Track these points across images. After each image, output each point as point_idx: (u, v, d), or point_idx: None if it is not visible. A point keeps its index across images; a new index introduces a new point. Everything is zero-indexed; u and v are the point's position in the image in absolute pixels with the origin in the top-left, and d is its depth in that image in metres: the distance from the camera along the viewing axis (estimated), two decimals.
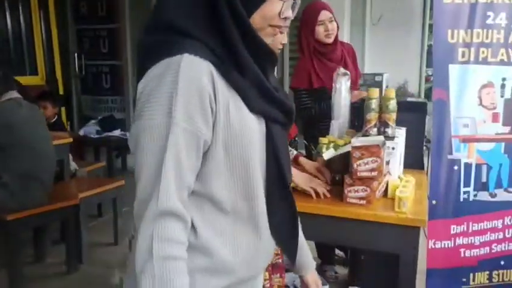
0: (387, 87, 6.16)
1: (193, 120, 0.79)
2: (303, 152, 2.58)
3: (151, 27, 0.87)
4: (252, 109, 0.88)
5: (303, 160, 2.00)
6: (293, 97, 2.61)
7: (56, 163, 3.09)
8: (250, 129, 0.87)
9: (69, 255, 3.02)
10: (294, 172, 1.78)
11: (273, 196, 0.94)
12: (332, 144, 1.97)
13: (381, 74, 6.18)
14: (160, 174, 0.77)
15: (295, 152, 2.06)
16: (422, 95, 6.66)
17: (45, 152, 2.77)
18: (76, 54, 6.26)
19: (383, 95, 1.93)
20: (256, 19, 0.89)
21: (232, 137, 0.85)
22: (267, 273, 1.69)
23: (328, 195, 1.75)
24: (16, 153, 2.54)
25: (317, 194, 1.74)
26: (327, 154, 1.83)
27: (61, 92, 5.88)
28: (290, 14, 0.93)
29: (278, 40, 1.73)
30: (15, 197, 2.56)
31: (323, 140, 1.98)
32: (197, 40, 0.83)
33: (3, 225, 2.56)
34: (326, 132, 2.27)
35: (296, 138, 4.44)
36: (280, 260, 1.70)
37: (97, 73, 6.31)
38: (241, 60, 0.85)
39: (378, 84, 6.21)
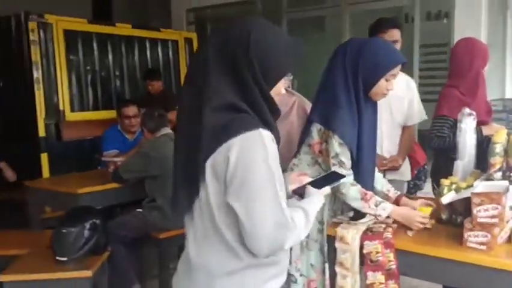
0: None
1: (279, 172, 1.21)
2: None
3: (217, 108, 1.14)
4: None
5: (404, 202, 2.05)
6: (433, 123, 2.55)
7: None
8: None
9: None
10: (396, 207, 1.94)
11: None
12: (454, 186, 1.99)
13: None
14: (278, 204, 1.16)
15: (398, 193, 2.12)
16: None
17: None
18: None
19: None
20: None
21: None
22: (383, 277, 1.77)
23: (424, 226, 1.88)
24: (168, 181, 2.98)
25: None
26: (446, 198, 1.87)
27: None
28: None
29: (384, 86, 1.90)
30: (167, 217, 3.01)
31: (445, 182, 2.01)
32: (248, 114, 1.16)
33: (156, 242, 3.03)
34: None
35: (425, 166, 4.32)
36: (394, 266, 1.76)
37: None
38: (272, 125, 1.21)
39: None
